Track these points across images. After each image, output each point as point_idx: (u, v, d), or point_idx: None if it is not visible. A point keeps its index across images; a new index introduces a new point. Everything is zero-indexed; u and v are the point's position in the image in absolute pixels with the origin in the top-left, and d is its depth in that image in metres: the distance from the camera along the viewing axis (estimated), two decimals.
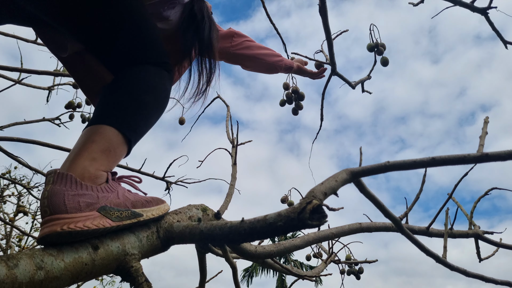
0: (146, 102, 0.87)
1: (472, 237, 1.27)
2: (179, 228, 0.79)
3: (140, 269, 0.72)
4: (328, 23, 1.42)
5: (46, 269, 0.62)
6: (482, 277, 0.99)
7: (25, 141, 2.47)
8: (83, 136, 0.80)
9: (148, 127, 0.91)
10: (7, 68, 2.30)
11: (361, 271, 1.98)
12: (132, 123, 0.84)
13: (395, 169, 0.70)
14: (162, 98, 0.92)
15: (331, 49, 1.61)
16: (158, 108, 0.92)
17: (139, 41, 0.92)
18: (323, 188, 0.67)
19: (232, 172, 1.26)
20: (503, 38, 1.54)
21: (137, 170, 2.77)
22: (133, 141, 0.85)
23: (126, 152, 0.85)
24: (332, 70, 1.76)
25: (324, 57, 1.93)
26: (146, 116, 0.88)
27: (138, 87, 0.87)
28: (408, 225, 1.23)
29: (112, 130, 0.80)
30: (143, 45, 0.93)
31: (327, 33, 1.47)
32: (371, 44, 2.05)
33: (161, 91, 0.92)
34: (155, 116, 0.92)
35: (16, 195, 4.93)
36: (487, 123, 0.87)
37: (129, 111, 0.84)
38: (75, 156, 0.76)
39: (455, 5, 1.46)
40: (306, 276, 1.19)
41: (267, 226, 0.66)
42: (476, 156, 0.66)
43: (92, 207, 0.71)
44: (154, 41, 0.95)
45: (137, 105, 0.85)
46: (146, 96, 0.87)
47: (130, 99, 0.85)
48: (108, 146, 0.79)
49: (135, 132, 0.85)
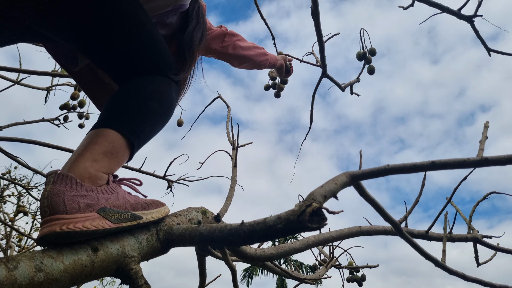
0: (151, 108, 0.88)
1: (471, 241, 1.28)
2: (179, 231, 0.79)
3: (140, 271, 0.72)
4: (320, 26, 1.43)
5: (45, 271, 0.62)
6: (480, 281, 0.99)
7: (25, 141, 2.47)
8: (87, 138, 0.80)
9: (153, 133, 0.92)
10: (6, 68, 2.30)
11: (363, 279, 1.97)
12: (136, 128, 0.84)
13: (395, 172, 0.70)
14: (168, 106, 0.93)
15: (322, 51, 1.64)
16: (163, 115, 0.92)
17: (149, 55, 0.93)
18: (323, 191, 0.67)
19: (232, 175, 1.26)
20: (487, 45, 1.57)
21: (137, 169, 2.76)
22: (136, 145, 0.85)
23: (128, 156, 0.85)
24: (323, 73, 1.78)
25: (315, 59, 1.95)
26: (151, 122, 0.89)
27: (144, 92, 0.88)
28: (407, 228, 1.23)
29: (116, 134, 0.81)
30: (154, 59, 0.93)
31: (318, 36, 1.50)
32: (360, 53, 2.09)
33: (167, 99, 0.93)
34: (160, 123, 0.93)
35: (16, 195, 4.93)
36: (487, 127, 0.87)
37: (134, 116, 0.84)
38: (77, 157, 0.76)
39: (442, 12, 1.48)
40: (305, 279, 1.19)
41: (266, 229, 0.66)
42: (475, 161, 0.66)
43: (92, 208, 0.71)
44: (163, 54, 0.96)
45: (142, 111, 0.86)
46: (152, 102, 0.88)
47: (136, 104, 0.86)
48: (111, 149, 0.79)
49: (138, 137, 0.85)
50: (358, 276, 1.98)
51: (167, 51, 0.97)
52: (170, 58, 0.98)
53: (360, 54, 2.08)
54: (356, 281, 1.97)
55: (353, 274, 1.98)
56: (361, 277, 1.97)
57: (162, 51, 0.96)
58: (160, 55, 0.95)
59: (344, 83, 2.02)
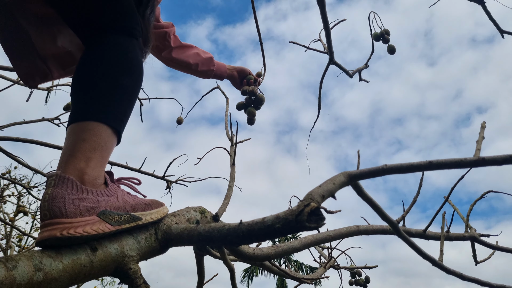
0: (126, 86, 0.85)
1: (469, 240, 1.28)
2: (177, 230, 0.80)
3: (139, 271, 0.73)
4: (326, 12, 1.40)
5: (44, 271, 0.62)
6: (478, 281, 0.99)
7: (25, 141, 2.47)
8: (72, 134, 0.78)
9: (132, 109, 0.89)
10: (6, 68, 2.30)
11: (368, 281, 1.94)
12: (117, 113, 0.82)
13: (392, 172, 0.71)
14: (138, 75, 0.90)
15: (329, 38, 1.60)
16: (137, 86, 0.90)
17: (112, 3, 0.88)
18: (321, 191, 0.67)
19: (231, 173, 1.26)
20: (499, 27, 1.53)
21: (137, 170, 2.77)
22: (122, 130, 0.84)
23: (116, 142, 0.84)
24: (330, 59, 1.74)
25: (322, 46, 1.91)
26: (128, 100, 0.87)
27: (114, 68, 0.84)
28: (405, 228, 1.24)
29: (100, 126, 0.79)
30: (113, 7, 0.89)
31: (324, 23, 1.46)
32: (377, 33, 2.04)
33: (136, 68, 0.89)
34: (135, 96, 0.90)
35: (16, 195, 4.93)
36: (484, 128, 0.87)
37: (112, 102, 0.82)
38: (69, 158, 0.75)
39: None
40: (303, 279, 1.19)
41: (265, 228, 0.66)
42: (472, 160, 0.66)
43: (92, 211, 0.72)
44: (123, 4, 0.91)
45: (118, 92, 0.84)
46: (125, 78, 0.85)
47: (110, 86, 0.83)
48: (100, 141, 0.78)
49: (122, 121, 0.84)
50: (362, 279, 1.95)
51: (131, 2, 0.93)
52: (133, 10, 0.93)
53: (377, 35, 2.03)
54: (361, 285, 1.93)
55: (355, 277, 1.95)
56: (365, 279, 1.94)
57: (125, 1, 0.91)
58: (122, 5, 0.90)
59: (352, 70, 1.96)
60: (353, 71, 1.95)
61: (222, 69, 1.60)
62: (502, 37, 1.59)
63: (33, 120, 2.72)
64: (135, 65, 0.89)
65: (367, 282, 1.94)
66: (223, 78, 1.63)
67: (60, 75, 1.13)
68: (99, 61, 0.84)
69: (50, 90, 2.60)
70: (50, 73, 1.09)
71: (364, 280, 1.94)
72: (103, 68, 0.84)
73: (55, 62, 1.09)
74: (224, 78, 1.64)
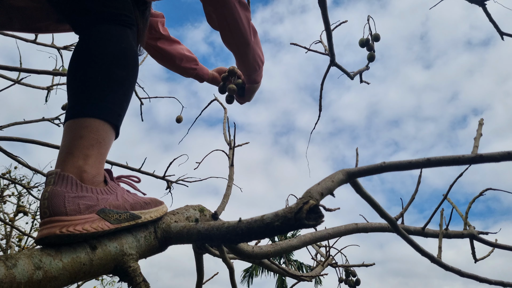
0: (121, 79, 0.83)
1: (467, 238, 1.28)
2: (176, 229, 0.80)
3: (138, 269, 0.73)
4: (327, 13, 1.39)
5: (44, 269, 0.62)
6: (476, 277, 0.99)
7: (25, 140, 2.47)
8: (69, 131, 0.78)
9: (128, 102, 0.88)
10: (6, 67, 2.30)
11: (358, 283, 1.96)
12: (114, 108, 0.81)
13: (391, 169, 0.71)
14: (133, 66, 0.87)
15: (330, 39, 1.59)
16: (132, 78, 0.87)
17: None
18: (320, 189, 0.68)
19: (229, 174, 1.27)
20: (499, 29, 1.52)
21: (137, 170, 2.77)
22: (119, 124, 0.83)
23: (114, 136, 0.83)
24: (331, 61, 1.73)
25: (323, 47, 1.91)
26: (124, 93, 0.85)
27: (109, 63, 0.82)
28: (403, 225, 1.24)
29: (97, 122, 0.78)
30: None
31: (326, 24, 1.45)
32: (363, 40, 2.06)
33: (131, 59, 0.87)
34: (132, 88, 0.88)
35: (16, 195, 4.94)
36: (481, 125, 0.88)
37: (108, 96, 0.81)
38: (67, 155, 0.75)
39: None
40: (302, 277, 1.19)
41: (264, 226, 0.67)
42: (470, 157, 0.66)
43: (92, 209, 0.72)
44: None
45: (114, 85, 0.82)
46: (119, 70, 0.83)
47: (105, 79, 0.81)
48: (97, 138, 0.77)
49: (119, 115, 0.83)
50: (353, 280, 1.97)
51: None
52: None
53: (363, 41, 2.05)
54: (351, 286, 1.95)
55: (349, 276, 1.97)
56: (356, 281, 1.97)
57: None
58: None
59: (353, 71, 1.96)
60: (354, 72, 1.95)
61: (205, 71, 1.58)
62: (502, 39, 1.58)
63: (33, 120, 2.72)
64: (129, 56, 0.86)
65: (357, 284, 1.96)
66: (203, 80, 1.60)
67: (22, 29, 1.06)
68: (91, 53, 0.82)
69: (50, 90, 2.60)
70: (10, 23, 1.02)
71: (354, 282, 1.95)
72: (96, 60, 0.81)
73: (20, 14, 1.02)
74: (205, 81, 1.61)
